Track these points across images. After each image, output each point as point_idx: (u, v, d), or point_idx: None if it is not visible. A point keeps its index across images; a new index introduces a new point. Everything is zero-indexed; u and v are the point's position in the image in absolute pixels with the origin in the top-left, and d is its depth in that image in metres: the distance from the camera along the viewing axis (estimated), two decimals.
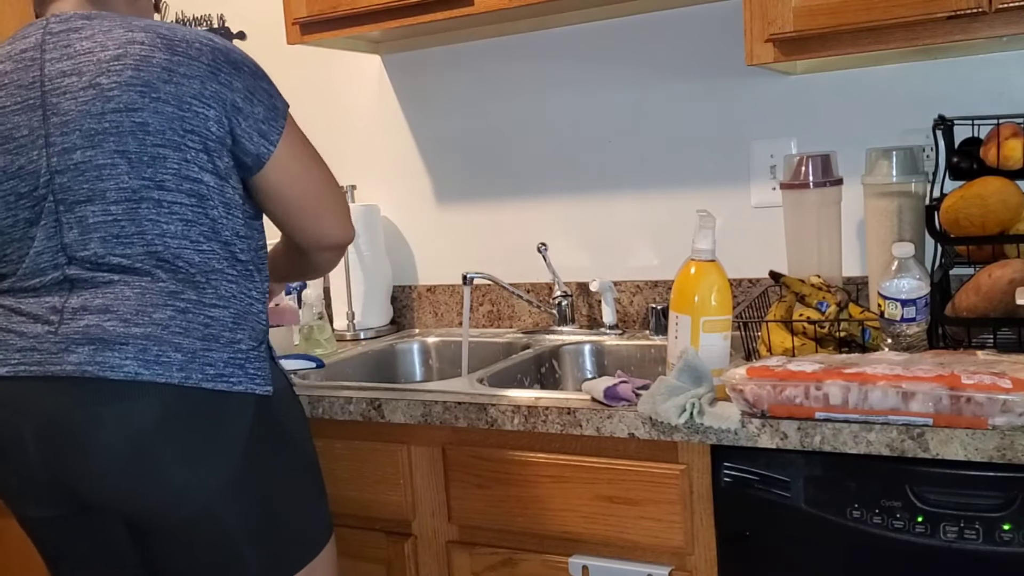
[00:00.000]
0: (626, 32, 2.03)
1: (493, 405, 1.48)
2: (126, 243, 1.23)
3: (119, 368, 1.19)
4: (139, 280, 1.23)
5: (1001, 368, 1.22)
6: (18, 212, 1.26)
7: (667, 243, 2.04)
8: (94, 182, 1.22)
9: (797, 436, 1.27)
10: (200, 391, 1.22)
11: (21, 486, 1.28)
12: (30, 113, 1.24)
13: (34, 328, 1.24)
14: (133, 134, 1.21)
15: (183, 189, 1.24)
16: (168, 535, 1.25)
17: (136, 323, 1.21)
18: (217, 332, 1.25)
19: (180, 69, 1.23)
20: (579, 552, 1.48)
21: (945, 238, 1.53)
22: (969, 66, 1.74)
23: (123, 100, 1.21)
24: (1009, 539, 1.18)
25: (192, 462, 1.21)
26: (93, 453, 1.20)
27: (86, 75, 1.22)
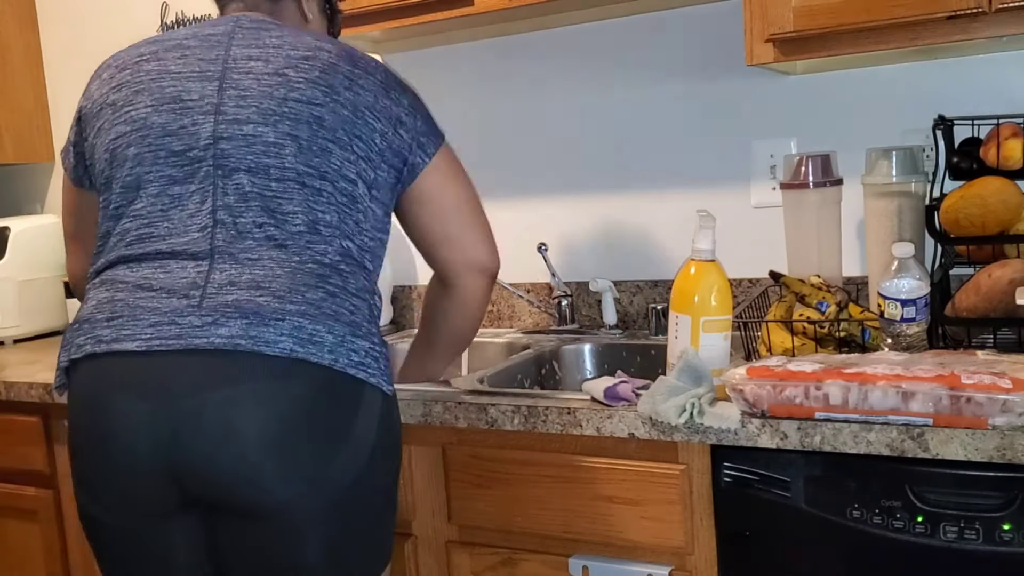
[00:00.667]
0: (626, 32, 2.03)
1: (493, 405, 1.48)
2: (281, 219, 1.24)
3: (275, 344, 1.16)
4: (288, 258, 1.23)
5: (1001, 368, 1.22)
6: (163, 168, 1.26)
7: (667, 243, 2.04)
8: (259, 156, 1.25)
9: (797, 436, 1.27)
10: (344, 376, 1.21)
11: (117, 478, 1.20)
12: (206, 82, 1.28)
13: (170, 302, 1.19)
14: (308, 124, 1.26)
15: (339, 187, 1.27)
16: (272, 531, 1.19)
17: (291, 300, 1.20)
18: (359, 321, 1.25)
19: (360, 81, 1.31)
20: (579, 552, 1.48)
21: (945, 238, 1.53)
22: (969, 66, 1.74)
23: (306, 93, 1.27)
24: (1009, 539, 1.18)
25: (330, 456, 1.19)
26: (238, 434, 1.15)
27: (273, 63, 1.29)
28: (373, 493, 1.26)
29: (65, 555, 2.03)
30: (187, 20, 2.55)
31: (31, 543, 2.06)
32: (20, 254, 2.52)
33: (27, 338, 2.56)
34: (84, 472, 1.24)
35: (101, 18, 2.71)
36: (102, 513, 1.24)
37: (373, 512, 1.27)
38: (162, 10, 2.58)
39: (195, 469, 1.16)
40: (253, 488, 1.17)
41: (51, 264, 2.58)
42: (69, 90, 2.79)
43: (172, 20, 2.57)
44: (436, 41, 2.17)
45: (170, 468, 1.17)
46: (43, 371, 2.08)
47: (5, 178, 2.94)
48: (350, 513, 1.22)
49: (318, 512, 1.19)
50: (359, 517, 1.24)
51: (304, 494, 1.18)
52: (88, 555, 1.98)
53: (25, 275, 2.52)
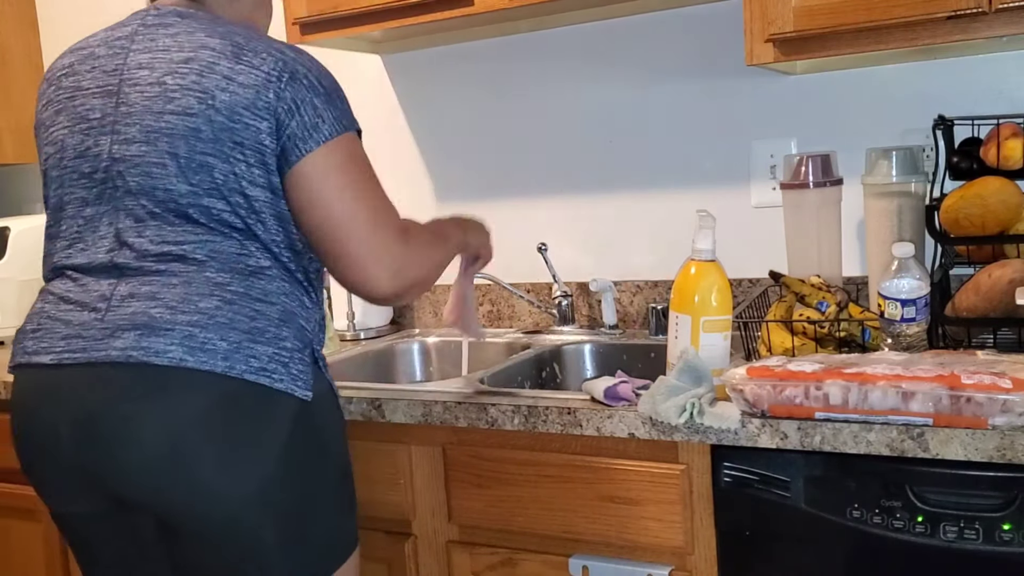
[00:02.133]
0: (626, 32, 2.03)
1: (493, 405, 1.48)
2: (178, 237, 1.24)
3: (164, 354, 1.18)
4: (187, 270, 1.23)
5: (1001, 368, 1.22)
6: (77, 191, 1.30)
7: (667, 243, 2.04)
8: (146, 178, 1.24)
9: (797, 436, 1.27)
10: (243, 383, 1.20)
11: (56, 481, 1.28)
12: (106, 98, 1.28)
13: (81, 316, 1.25)
14: (185, 139, 1.23)
15: (232, 200, 1.24)
16: (197, 537, 1.23)
17: (182, 311, 1.21)
18: (263, 327, 1.24)
19: (239, 78, 1.23)
20: (579, 552, 1.48)
21: (945, 238, 1.53)
22: (969, 66, 1.74)
23: (182, 103, 1.24)
24: (1009, 539, 1.18)
25: (229, 463, 1.19)
26: (132, 445, 1.18)
27: (156, 71, 1.26)
28: (292, 499, 1.24)
29: (65, 555, 2.03)
30: None
31: (31, 543, 2.06)
32: (20, 254, 2.52)
33: None
34: (26, 470, 1.32)
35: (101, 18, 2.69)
36: (54, 505, 1.32)
37: (294, 518, 1.25)
38: None
39: (103, 478, 1.22)
40: (161, 502, 1.21)
41: None
42: None
43: None
44: (436, 41, 2.17)
45: (93, 477, 1.23)
46: None
47: (5, 178, 2.94)
48: (261, 523, 1.22)
49: (225, 520, 1.21)
50: (278, 524, 1.23)
51: (205, 505, 1.20)
52: None
53: (25, 275, 2.52)
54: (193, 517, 1.21)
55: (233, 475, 1.19)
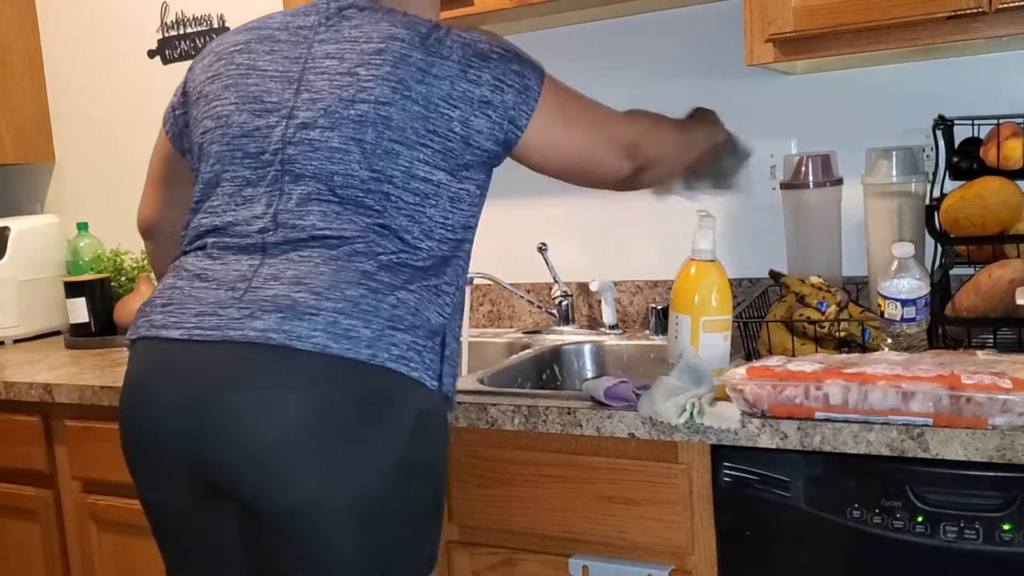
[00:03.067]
0: (626, 32, 2.03)
1: (493, 405, 1.48)
2: (340, 224, 1.23)
3: (307, 338, 1.16)
4: (336, 256, 1.22)
5: (1001, 368, 1.22)
6: (239, 169, 1.29)
7: (667, 243, 2.03)
8: (324, 162, 1.25)
9: (797, 436, 1.27)
10: (384, 371, 1.19)
11: (155, 463, 1.25)
12: (285, 84, 1.29)
13: (217, 294, 1.22)
14: (374, 125, 1.24)
15: (410, 187, 1.25)
16: (277, 534, 1.19)
17: (328, 297, 1.19)
18: (402, 315, 1.23)
19: (433, 70, 1.27)
20: (579, 552, 1.48)
21: (945, 238, 1.53)
22: (969, 66, 1.74)
23: (376, 92, 1.25)
24: (1009, 539, 1.18)
25: (332, 471, 1.16)
26: (241, 435, 1.15)
27: (347, 62, 1.27)
28: (396, 507, 1.22)
29: (65, 555, 2.03)
30: (187, 20, 2.55)
31: (31, 543, 2.06)
32: (20, 254, 2.52)
33: (27, 338, 2.56)
34: (126, 452, 1.29)
35: (101, 18, 2.71)
36: (147, 493, 1.29)
37: (379, 535, 1.21)
38: (162, 10, 2.58)
39: (216, 466, 1.18)
40: (270, 489, 1.17)
41: (51, 264, 2.58)
42: (69, 90, 2.80)
43: (172, 20, 2.57)
44: None
45: (195, 461, 1.19)
46: (43, 371, 2.08)
47: (5, 178, 2.94)
48: (344, 535, 1.18)
49: (309, 524, 1.17)
50: (360, 538, 1.20)
51: (323, 495, 1.16)
52: (88, 555, 1.99)
53: (25, 275, 2.52)
54: (285, 517, 1.17)
55: (338, 483, 1.16)
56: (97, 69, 2.73)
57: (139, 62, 2.65)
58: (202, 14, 2.52)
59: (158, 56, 2.62)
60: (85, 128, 2.78)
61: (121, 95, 2.70)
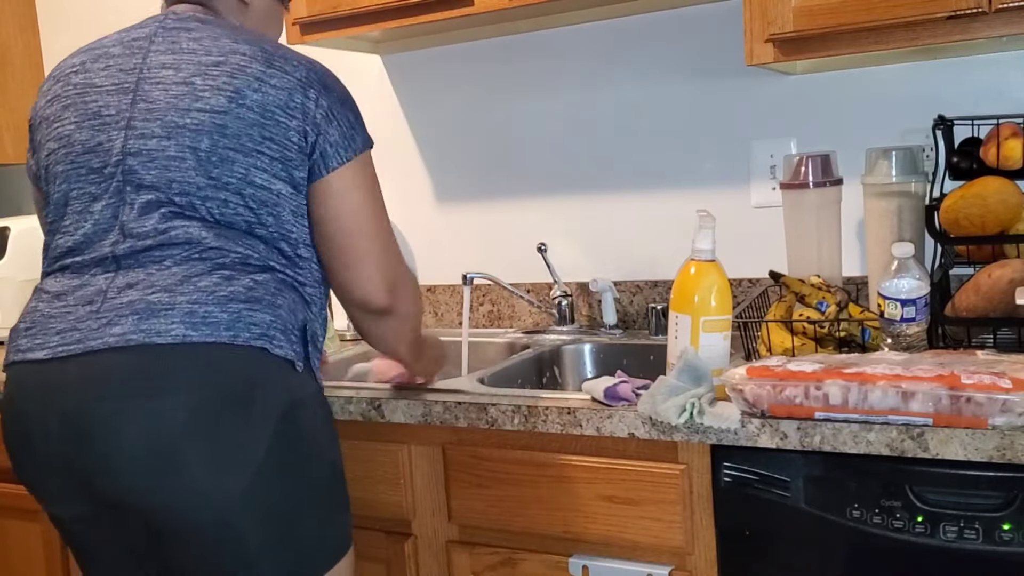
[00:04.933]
0: (626, 32, 2.03)
1: (493, 405, 1.48)
2: (183, 230, 1.24)
3: (166, 333, 1.18)
4: (188, 254, 1.24)
5: (1001, 368, 1.22)
6: (85, 186, 1.30)
7: (667, 243, 2.04)
8: (162, 171, 1.25)
9: (797, 436, 1.27)
10: (249, 349, 1.20)
11: (47, 481, 1.27)
12: (121, 96, 1.29)
13: (77, 311, 1.24)
14: (209, 134, 1.25)
15: (247, 194, 1.26)
16: (183, 537, 1.21)
17: (181, 292, 1.21)
18: (260, 295, 1.24)
19: (272, 80, 1.28)
20: (579, 552, 1.48)
21: (945, 238, 1.53)
22: (969, 66, 1.74)
23: (211, 102, 1.26)
24: (1009, 539, 1.18)
25: (215, 462, 1.18)
26: (115, 442, 1.17)
27: (183, 72, 1.28)
28: (279, 499, 1.23)
29: (65, 555, 2.03)
30: None
31: (31, 543, 2.06)
32: (20, 254, 2.52)
33: None
34: (17, 472, 1.30)
35: (101, 18, 2.71)
36: (49, 507, 1.31)
37: (281, 518, 1.23)
38: None
39: (97, 478, 1.20)
40: (153, 496, 1.19)
41: None
42: None
43: None
44: (436, 41, 2.17)
45: (79, 475, 1.21)
46: None
47: (5, 178, 2.94)
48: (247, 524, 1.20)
49: (210, 521, 1.19)
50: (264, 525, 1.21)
51: (190, 504, 1.18)
52: None
53: (25, 275, 2.52)
54: (178, 517, 1.19)
55: (219, 474, 1.18)
56: None
57: None
58: None
59: None
60: None
61: None
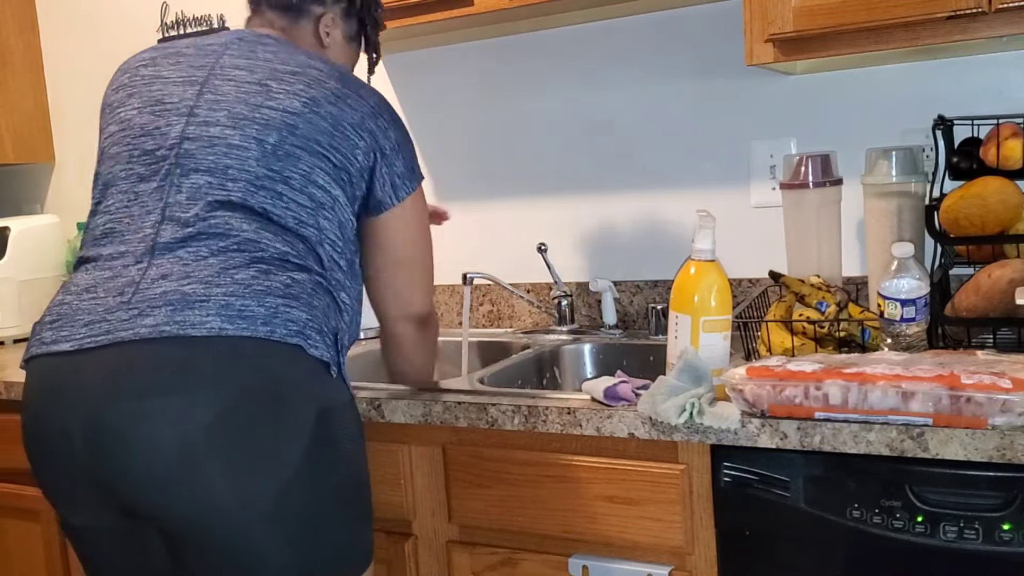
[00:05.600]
0: (626, 32, 2.03)
1: (493, 405, 1.48)
2: (228, 217, 1.22)
3: (201, 324, 1.15)
4: (225, 247, 1.21)
5: (1001, 368, 1.22)
6: (135, 166, 1.29)
7: (667, 243, 2.04)
8: (220, 156, 1.24)
9: (797, 436, 1.27)
10: (283, 346, 1.18)
11: (65, 488, 1.22)
12: (188, 87, 1.30)
13: (106, 302, 1.20)
14: (279, 130, 1.25)
15: (307, 192, 1.26)
16: (203, 550, 1.16)
17: (217, 284, 1.18)
18: (297, 292, 1.22)
19: (348, 100, 1.30)
20: (579, 552, 1.48)
21: (945, 238, 1.53)
22: (969, 66, 1.74)
23: (284, 103, 1.26)
24: (1009, 539, 1.18)
25: (241, 475, 1.13)
26: (140, 450, 1.12)
27: (257, 74, 1.29)
28: (304, 512, 1.19)
29: (65, 555, 2.03)
30: (187, 20, 2.55)
31: (31, 543, 2.06)
32: (20, 254, 2.52)
33: (27, 338, 2.55)
34: (36, 474, 1.27)
35: (101, 18, 2.71)
36: (63, 514, 1.26)
37: (304, 531, 1.19)
38: (162, 10, 2.58)
39: (119, 484, 1.15)
40: (171, 507, 1.14)
41: (51, 264, 2.58)
42: (69, 90, 2.80)
43: (172, 20, 2.57)
44: (436, 41, 2.17)
45: (99, 480, 1.16)
46: None
47: (5, 178, 2.94)
48: (269, 539, 1.16)
49: (232, 535, 1.14)
50: (287, 539, 1.18)
51: (213, 517, 1.14)
52: None
53: (25, 275, 2.52)
54: (199, 530, 1.15)
55: (244, 489, 1.14)
56: (97, 69, 2.73)
57: None
58: (202, 14, 2.52)
59: None
60: (85, 128, 2.78)
61: None
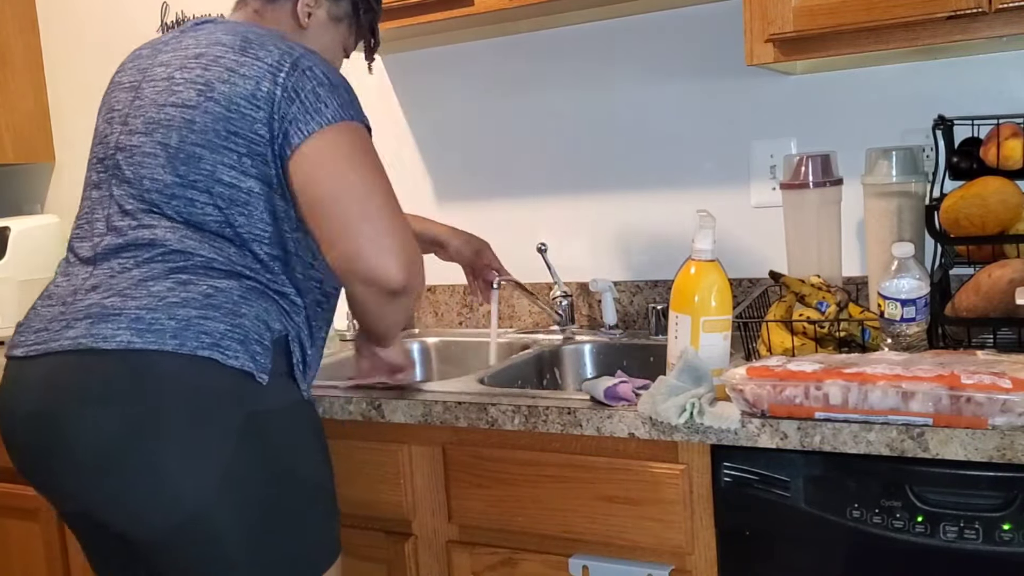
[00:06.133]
0: (626, 32, 2.03)
1: (493, 405, 1.48)
2: (151, 228, 1.25)
3: (112, 338, 1.17)
4: (150, 256, 1.24)
5: (1001, 368, 1.21)
6: (91, 173, 1.36)
7: (667, 243, 2.04)
8: (138, 167, 1.27)
9: (797, 436, 1.27)
10: (196, 359, 1.15)
11: (32, 482, 1.28)
12: (128, 92, 1.34)
13: (52, 310, 1.27)
14: (179, 130, 1.25)
15: (215, 192, 1.25)
16: (157, 546, 1.17)
17: (133, 296, 1.21)
18: (219, 302, 1.20)
19: (242, 70, 1.25)
20: (579, 552, 1.47)
21: (945, 238, 1.53)
22: (969, 66, 1.74)
23: (183, 96, 1.26)
24: (1009, 539, 1.18)
25: (182, 457, 1.14)
26: (65, 452, 1.15)
27: (170, 67, 1.30)
28: (260, 496, 1.18)
29: (65, 555, 2.03)
30: (187, 20, 2.55)
31: (31, 543, 2.06)
32: (20, 254, 2.52)
33: None
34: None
35: (101, 18, 2.71)
36: (53, 503, 1.31)
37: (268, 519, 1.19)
38: (162, 10, 2.58)
39: (48, 478, 1.21)
40: (107, 511, 1.17)
41: (51, 264, 2.58)
42: (69, 90, 2.79)
43: (172, 20, 2.57)
44: (436, 41, 2.17)
45: (40, 476, 1.23)
46: None
47: (5, 178, 2.94)
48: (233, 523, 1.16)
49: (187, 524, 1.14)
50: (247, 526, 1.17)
51: (159, 507, 1.14)
52: None
53: (25, 275, 2.52)
54: (148, 523, 1.16)
55: (186, 467, 1.13)
56: (97, 69, 2.73)
57: None
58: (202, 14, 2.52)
59: None
60: (85, 128, 2.77)
61: None
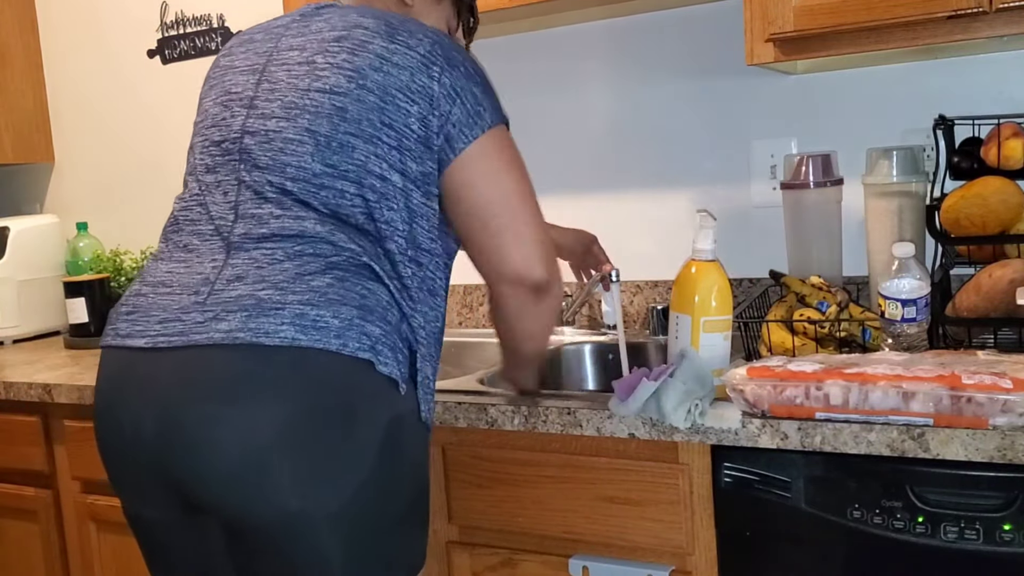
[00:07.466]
0: (626, 32, 2.02)
1: (493, 405, 1.48)
2: (298, 218, 1.20)
3: (275, 333, 1.12)
4: (301, 250, 1.19)
5: (1002, 368, 1.21)
6: (205, 157, 1.30)
7: (667, 243, 2.03)
8: (278, 153, 1.22)
9: (797, 436, 1.27)
10: (355, 361, 1.14)
11: (132, 479, 1.21)
12: (250, 75, 1.29)
13: (180, 300, 1.20)
14: (329, 117, 1.21)
15: (367, 183, 1.21)
16: (264, 548, 1.15)
17: (293, 290, 1.16)
18: (372, 304, 1.18)
19: (394, 58, 1.22)
20: (579, 552, 1.47)
21: (946, 238, 1.53)
22: (969, 66, 1.74)
23: (330, 81, 1.22)
24: (1009, 539, 1.18)
25: (312, 480, 1.12)
26: (213, 450, 1.11)
27: (307, 51, 1.26)
28: (369, 518, 1.18)
29: (65, 555, 2.03)
30: (187, 20, 2.55)
31: (31, 543, 2.06)
32: (20, 254, 2.52)
33: (26, 338, 2.56)
34: (103, 463, 1.26)
35: (101, 18, 2.71)
36: (129, 507, 1.26)
37: (366, 536, 1.18)
38: (162, 10, 2.58)
39: (188, 480, 1.15)
40: (246, 504, 1.13)
41: (51, 264, 2.58)
42: (69, 90, 2.79)
43: (172, 20, 2.57)
44: None
45: (167, 475, 1.16)
46: (42, 371, 2.08)
47: (5, 178, 2.94)
48: (333, 542, 1.15)
49: (297, 536, 1.14)
50: (350, 543, 1.16)
51: (280, 518, 1.13)
52: (87, 555, 1.98)
53: (25, 275, 2.52)
54: (262, 532, 1.14)
55: (310, 493, 1.13)
56: (97, 69, 2.73)
57: (139, 62, 2.65)
58: (202, 14, 2.52)
59: (158, 56, 2.62)
60: (85, 128, 2.78)
61: (121, 95, 2.70)
